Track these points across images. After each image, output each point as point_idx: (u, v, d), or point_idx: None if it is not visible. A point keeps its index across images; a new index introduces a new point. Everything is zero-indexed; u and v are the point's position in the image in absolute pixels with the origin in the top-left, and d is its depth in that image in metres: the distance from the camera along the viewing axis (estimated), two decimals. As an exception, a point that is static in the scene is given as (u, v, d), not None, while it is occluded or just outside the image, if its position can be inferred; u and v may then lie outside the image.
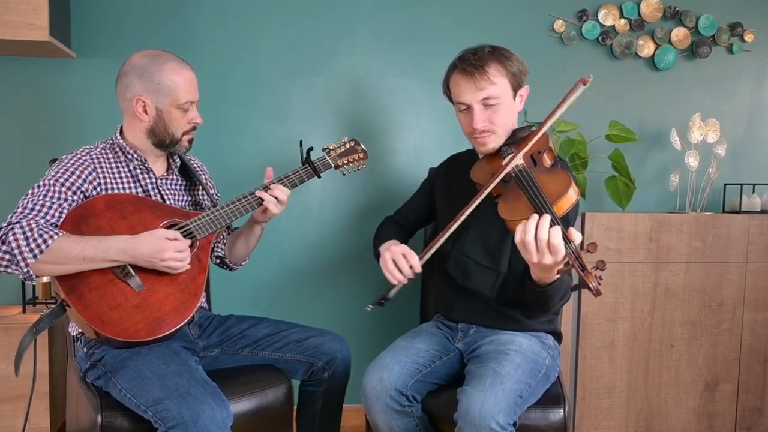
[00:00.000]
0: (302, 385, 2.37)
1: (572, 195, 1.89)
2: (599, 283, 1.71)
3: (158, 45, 2.41)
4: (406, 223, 2.53)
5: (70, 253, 1.87)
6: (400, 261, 2.13)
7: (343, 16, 3.16)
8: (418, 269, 2.12)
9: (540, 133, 2.04)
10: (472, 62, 2.11)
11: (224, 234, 2.44)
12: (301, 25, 3.14)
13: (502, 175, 1.99)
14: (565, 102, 2.01)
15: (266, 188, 2.22)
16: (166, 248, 1.96)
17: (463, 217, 2.04)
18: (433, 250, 2.08)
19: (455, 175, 2.35)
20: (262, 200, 2.20)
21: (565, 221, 1.96)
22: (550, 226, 1.76)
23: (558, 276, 1.88)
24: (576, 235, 1.77)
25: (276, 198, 2.21)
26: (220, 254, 2.43)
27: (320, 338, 2.32)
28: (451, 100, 2.24)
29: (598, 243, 2.90)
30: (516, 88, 2.17)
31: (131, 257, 1.95)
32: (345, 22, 3.16)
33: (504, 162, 2.06)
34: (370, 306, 2.14)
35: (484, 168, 2.15)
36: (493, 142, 2.16)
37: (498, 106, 2.13)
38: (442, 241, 2.06)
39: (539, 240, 1.75)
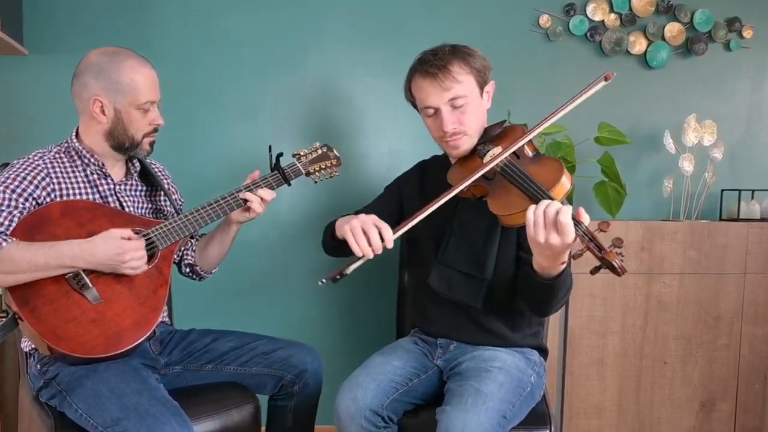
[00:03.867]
0: (271, 399, 2.41)
1: (566, 182, 1.93)
2: (622, 261, 1.74)
3: (116, 41, 2.42)
4: None
5: (20, 261, 1.90)
6: (371, 231, 1.99)
7: (314, 10, 3.19)
8: (390, 244, 2.00)
9: (546, 124, 2.06)
10: (433, 63, 2.14)
11: (192, 241, 2.47)
12: (269, 20, 3.17)
13: (488, 167, 2.02)
14: (582, 96, 2.03)
15: (250, 189, 2.27)
16: (126, 249, 2.00)
17: (445, 198, 2.04)
18: (409, 226, 2.03)
19: (429, 184, 2.36)
20: (227, 209, 2.25)
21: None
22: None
23: (563, 267, 1.90)
24: (585, 216, 1.80)
25: (261, 198, 2.26)
26: (190, 261, 2.46)
27: (289, 350, 2.35)
28: (416, 107, 2.28)
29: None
30: (482, 84, 2.21)
31: (88, 263, 1.98)
32: (317, 16, 3.20)
33: (485, 160, 2.10)
34: (323, 280, 2.03)
35: (464, 171, 2.17)
36: (466, 144, 2.20)
37: (466, 106, 2.16)
38: (421, 217, 2.02)
39: (547, 216, 1.77)
